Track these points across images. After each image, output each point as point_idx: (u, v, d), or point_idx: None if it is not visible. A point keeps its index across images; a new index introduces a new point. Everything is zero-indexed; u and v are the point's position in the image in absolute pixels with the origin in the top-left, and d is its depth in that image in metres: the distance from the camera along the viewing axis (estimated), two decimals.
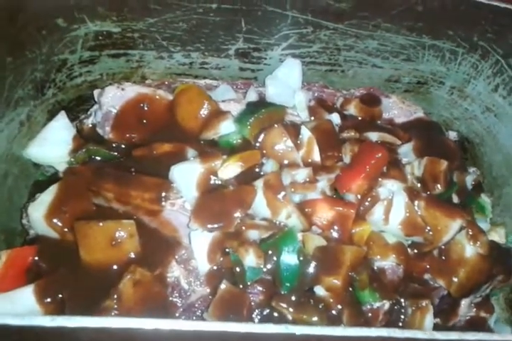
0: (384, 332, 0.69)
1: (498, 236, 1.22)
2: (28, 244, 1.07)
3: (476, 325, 1.13)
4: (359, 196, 1.06)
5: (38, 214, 1.02)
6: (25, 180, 1.21)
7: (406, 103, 1.37)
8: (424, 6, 1.19)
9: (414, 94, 1.44)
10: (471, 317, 1.14)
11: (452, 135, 1.41)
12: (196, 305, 0.99)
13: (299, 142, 1.14)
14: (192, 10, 1.20)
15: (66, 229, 1.00)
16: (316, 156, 1.12)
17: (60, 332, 0.67)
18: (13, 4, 1.02)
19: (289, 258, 0.99)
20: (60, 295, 0.95)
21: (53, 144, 1.21)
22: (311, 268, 0.99)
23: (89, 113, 1.29)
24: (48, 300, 0.94)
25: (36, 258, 1.01)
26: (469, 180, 1.28)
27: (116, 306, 0.90)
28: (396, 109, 1.36)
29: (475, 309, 1.14)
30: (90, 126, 1.26)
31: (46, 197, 1.03)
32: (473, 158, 1.43)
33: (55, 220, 1.01)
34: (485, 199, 1.29)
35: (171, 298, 0.98)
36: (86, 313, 0.90)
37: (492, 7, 1.16)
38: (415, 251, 1.07)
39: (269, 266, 1.00)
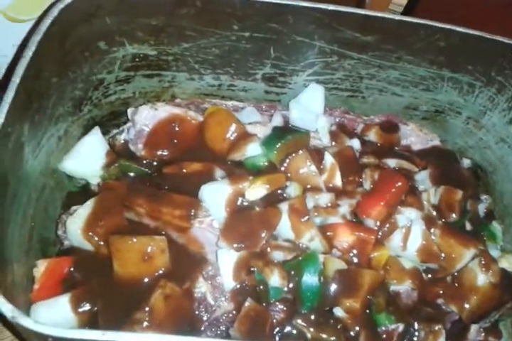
0: None
1: (507, 263, 1.26)
2: (62, 255, 1.12)
3: None
4: (378, 222, 1.12)
5: (76, 227, 1.07)
6: (60, 191, 1.26)
7: (423, 131, 1.42)
8: (446, 41, 1.25)
9: (431, 121, 1.48)
10: None
11: (466, 162, 1.46)
12: (221, 320, 1.04)
13: (322, 167, 1.19)
14: (226, 37, 1.27)
15: (101, 243, 1.06)
16: (338, 181, 1.18)
17: None
18: (64, 31, 1.09)
19: (311, 279, 1.03)
20: (94, 305, 1.01)
21: (87, 158, 1.25)
22: (331, 290, 1.04)
23: (121, 129, 1.35)
24: (83, 309, 1.00)
25: (72, 269, 1.06)
26: (482, 208, 1.33)
27: (147, 319, 0.95)
28: (413, 136, 1.42)
29: (483, 334, 1.18)
30: (122, 142, 1.32)
31: (83, 211, 1.09)
32: (486, 185, 1.47)
33: (91, 234, 1.06)
34: (496, 226, 1.33)
35: (197, 312, 1.03)
36: (118, 324, 0.96)
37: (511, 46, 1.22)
38: (430, 276, 1.12)
39: (290, 286, 1.04)
